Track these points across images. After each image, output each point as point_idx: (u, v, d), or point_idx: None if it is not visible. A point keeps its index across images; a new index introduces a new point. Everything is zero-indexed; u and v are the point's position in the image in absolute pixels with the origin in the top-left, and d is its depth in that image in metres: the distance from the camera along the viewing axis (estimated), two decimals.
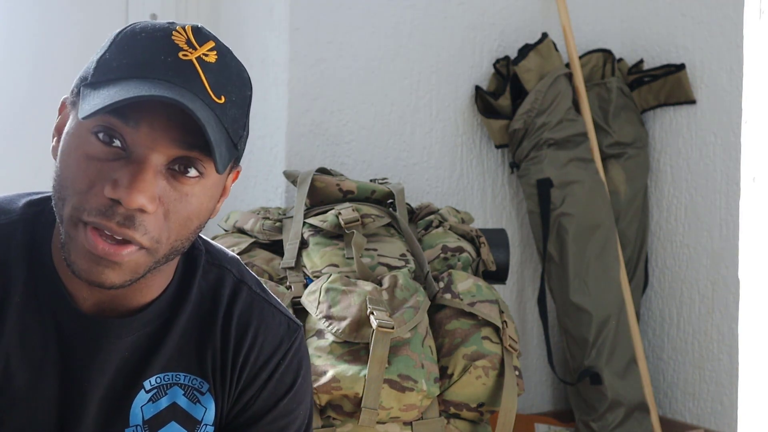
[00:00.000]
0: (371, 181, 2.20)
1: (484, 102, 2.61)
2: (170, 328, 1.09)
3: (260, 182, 2.47)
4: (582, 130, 2.60)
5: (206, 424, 1.12)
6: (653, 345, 2.75)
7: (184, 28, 1.02)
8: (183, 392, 1.10)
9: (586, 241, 2.55)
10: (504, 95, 2.58)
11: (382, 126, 2.50)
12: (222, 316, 1.12)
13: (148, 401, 1.09)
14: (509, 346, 1.82)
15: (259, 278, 1.19)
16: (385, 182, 2.20)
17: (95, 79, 0.99)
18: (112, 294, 1.05)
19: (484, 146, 2.66)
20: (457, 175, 2.61)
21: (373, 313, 1.72)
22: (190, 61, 1.00)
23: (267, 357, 1.13)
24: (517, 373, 1.82)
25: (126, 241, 0.97)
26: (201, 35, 1.02)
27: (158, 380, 1.10)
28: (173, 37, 1.01)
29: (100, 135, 0.97)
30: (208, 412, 1.11)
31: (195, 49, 1.01)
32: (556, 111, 2.56)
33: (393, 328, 1.70)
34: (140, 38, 1.00)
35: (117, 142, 0.97)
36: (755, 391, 1.00)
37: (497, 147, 2.64)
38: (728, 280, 2.52)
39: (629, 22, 2.82)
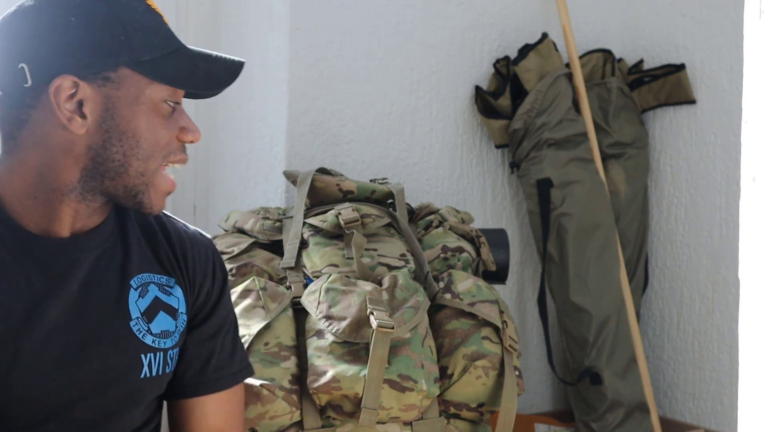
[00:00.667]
0: (371, 181, 2.20)
1: (484, 102, 2.61)
2: (127, 240, 1.33)
3: (260, 182, 2.47)
4: (582, 130, 2.60)
5: (181, 312, 1.37)
6: (653, 345, 2.75)
7: None
8: (158, 288, 1.34)
9: (586, 241, 2.55)
10: (504, 95, 2.58)
11: (382, 126, 2.50)
12: (159, 230, 1.38)
13: (139, 297, 1.32)
14: (509, 346, 1.81)
15: None
16: (385, 182, 2.20)
17: (148, 57, 1.21)
18: (84, 220, 1.27)
19: (484, 146, 2.66)
20: (457, 175, 2.62)
21: (373, 313, 1.72)
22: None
23: (205, 257, 1.41)
24: (517, 373, 1.82)
25: None
26: None
27: (139, 280, 1.33)
28: (150, 5, 1.25)
29: (170, 102, 1.25)
30: (180, 302, 1.36)
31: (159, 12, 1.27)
32: (556, 111, 2.56)
33: (393, 328, 1.70)
34: (142, 11, 1.23)
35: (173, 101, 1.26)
36: (755, 391, 1.00)
37: (497, 147, 2.64)
38: (728, 280, 2.52)
39: (629, 22, 2.82)
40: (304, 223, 2.00)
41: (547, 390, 2.81)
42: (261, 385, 1.68)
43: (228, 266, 1.92)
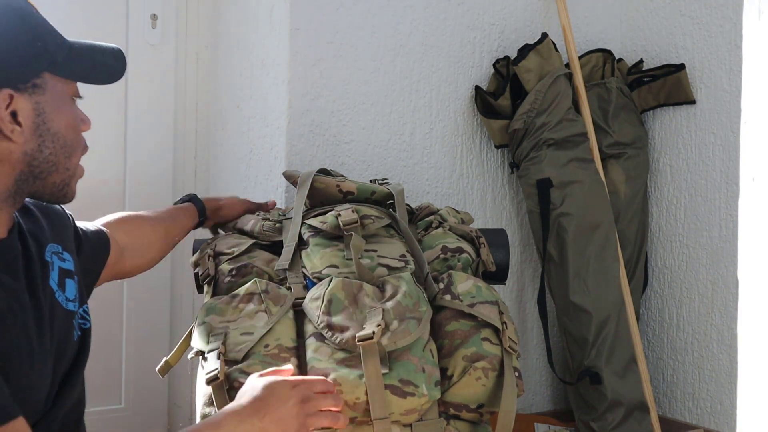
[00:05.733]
0: (371, 181, 2.20)
1: (484, 102, 2.61)
2: (22, 226, 1.41)
3: (260, 182, 2.47)
4: (582, 130, 2.60)
5: (74, 272, 1.50)
6: (653, 345, 2.75)
7: None
8: (57, 257, 1.46)
9: (586, 241, 2.55)
10: (504, 95, 2.58)
11: (382, 126, 2.50)
12: (35, 209, 1.48)
13: (51, 270, 1.42)
14: (509, 347, 1.81)
15: None
16: (385, 183, 2.20)
17: (61, 58, 1.32)
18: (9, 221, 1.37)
19: (484, 146, 2.66)
20: (457, 175, 2.62)
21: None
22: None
23: (68, 221, 1.56)
24: (516, 374, 1.82)
25: None
26: None
27: (48, 252, 1.44)
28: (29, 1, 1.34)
29: (74, 98, 1.37)
30: (71, 264, 1.49)
31: None
32: (556, 111, 2.56)
33: (372, 338, 1.69)
34: (36, 12, 1.32)
35: None
36: (754, 390, 1.00)
37: (497, 147, 2.64)
38: (728, 280, 2.52)
39: (629, 22, 2.82)
40: (304, 224, 2.00)
41: (547, 390, 2.81)
42: None
43: (228, 267, 1.92)
